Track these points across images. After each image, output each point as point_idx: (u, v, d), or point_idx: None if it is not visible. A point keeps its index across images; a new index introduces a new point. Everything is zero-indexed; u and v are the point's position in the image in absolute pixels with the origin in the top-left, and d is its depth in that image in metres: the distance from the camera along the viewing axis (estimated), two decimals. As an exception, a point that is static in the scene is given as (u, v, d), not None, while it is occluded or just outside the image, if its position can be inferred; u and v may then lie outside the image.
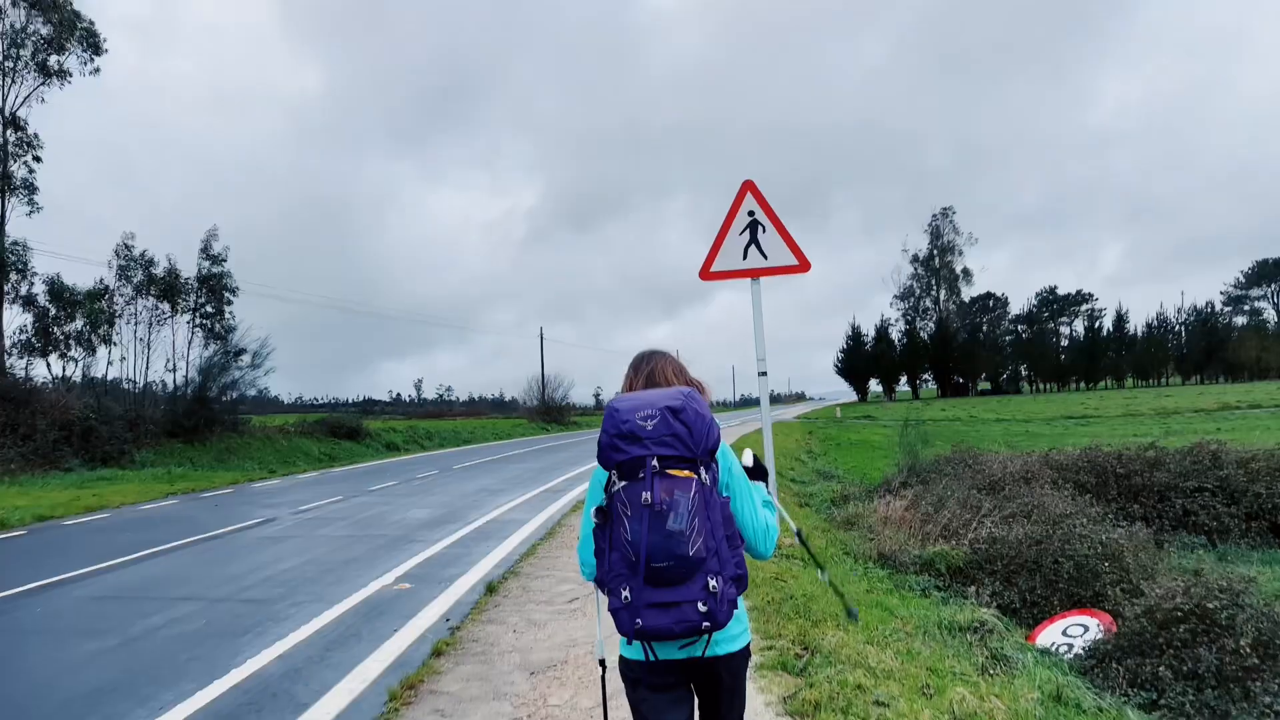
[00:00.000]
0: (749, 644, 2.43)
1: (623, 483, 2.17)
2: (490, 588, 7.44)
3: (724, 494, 2.32)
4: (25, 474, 18.85)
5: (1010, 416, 52.76)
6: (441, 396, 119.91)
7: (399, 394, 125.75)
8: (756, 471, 2.61)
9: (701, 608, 2.09)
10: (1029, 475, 13.23)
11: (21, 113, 23.57)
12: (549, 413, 58.83)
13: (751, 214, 9.62)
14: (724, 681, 2.38)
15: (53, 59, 23.78)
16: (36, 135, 23.85)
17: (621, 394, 2.46)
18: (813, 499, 16.35)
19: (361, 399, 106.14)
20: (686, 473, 2.15)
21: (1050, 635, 8.79)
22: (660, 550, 2.08)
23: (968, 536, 10.38)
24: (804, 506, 15.04)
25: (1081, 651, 8.14)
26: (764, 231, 9.59)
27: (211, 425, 25.36)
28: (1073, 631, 8.75)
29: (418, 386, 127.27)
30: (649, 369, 2.66)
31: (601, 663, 2.57)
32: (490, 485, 16.94)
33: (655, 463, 2.14)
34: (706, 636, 2.24)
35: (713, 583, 2.10)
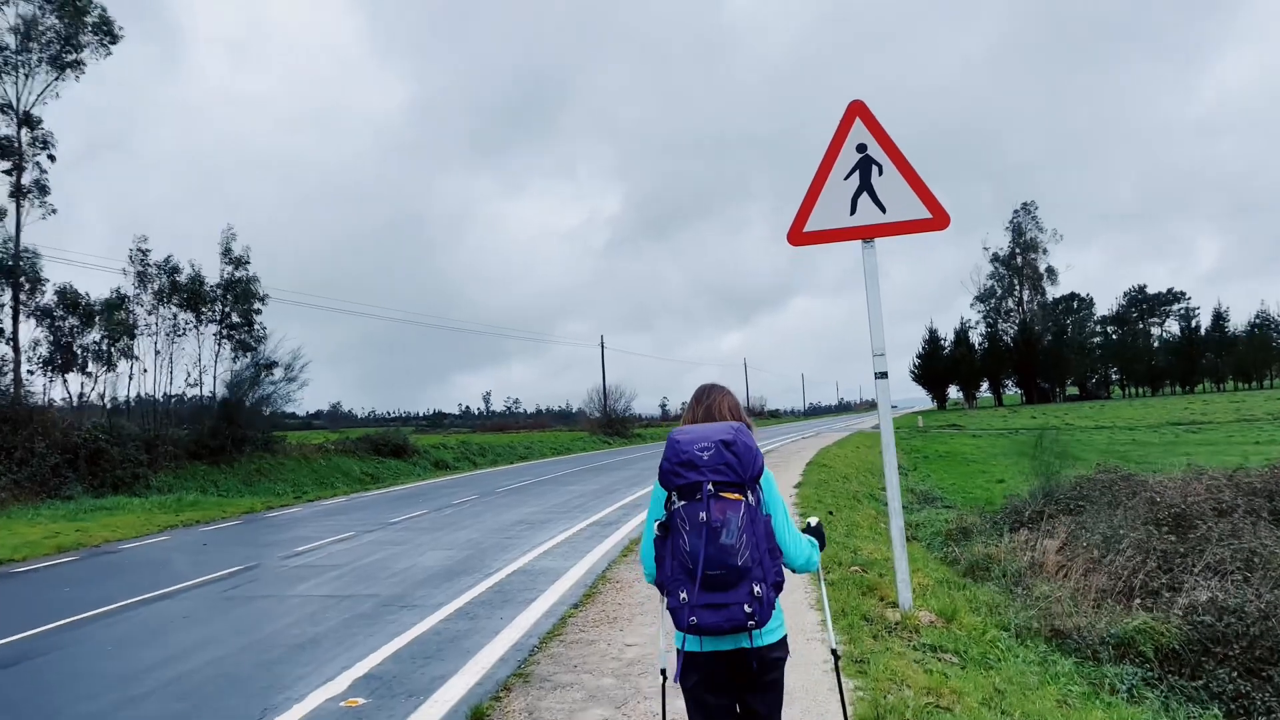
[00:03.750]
0: (785, 636, 2.73)
1: (681, 502, 2.48)
2: (477, 715, 4.75)
3: (766, 512, 2.59)
4: (18, 503, 16.88)
5: (1110, 423, 48.48)
6: (509, 409, 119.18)
7: (467, 407, 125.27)
8: (815, 532, 2.94)
9: (747, 609, 2.40)
10: (1221, 506, 10.02)
11: (35, 110, 21.97)
12: (611, 425, 56.20)
13: (863, 148, 6.77)
14: (763, 669, 2.64)
15: (69, 55, 22.15)
16: (51, 133, 22.26)
17: (683, 424, 2.83)
18: (920, 531, 13.33)
19: (431, 412, 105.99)
20: (736, 495, 2.46)
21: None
22: (714, 560, 2.39)
23: (1179, 601, 7.33)
24: (912, 540, 12.07)
25: None
26: (880, 173, 6.75)
27: (240, 445, 23.25)
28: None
29: (486, 399, 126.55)
30: (708, 403, 2.98)
31: (663, 672, 2.81)
32: (531, 515, 14.32)
33: (710, 486, 2.45)
34: (749, 633, 2.50)
35: (757, 588, 2.42)
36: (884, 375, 6.68)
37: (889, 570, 8.02)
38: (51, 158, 22.19)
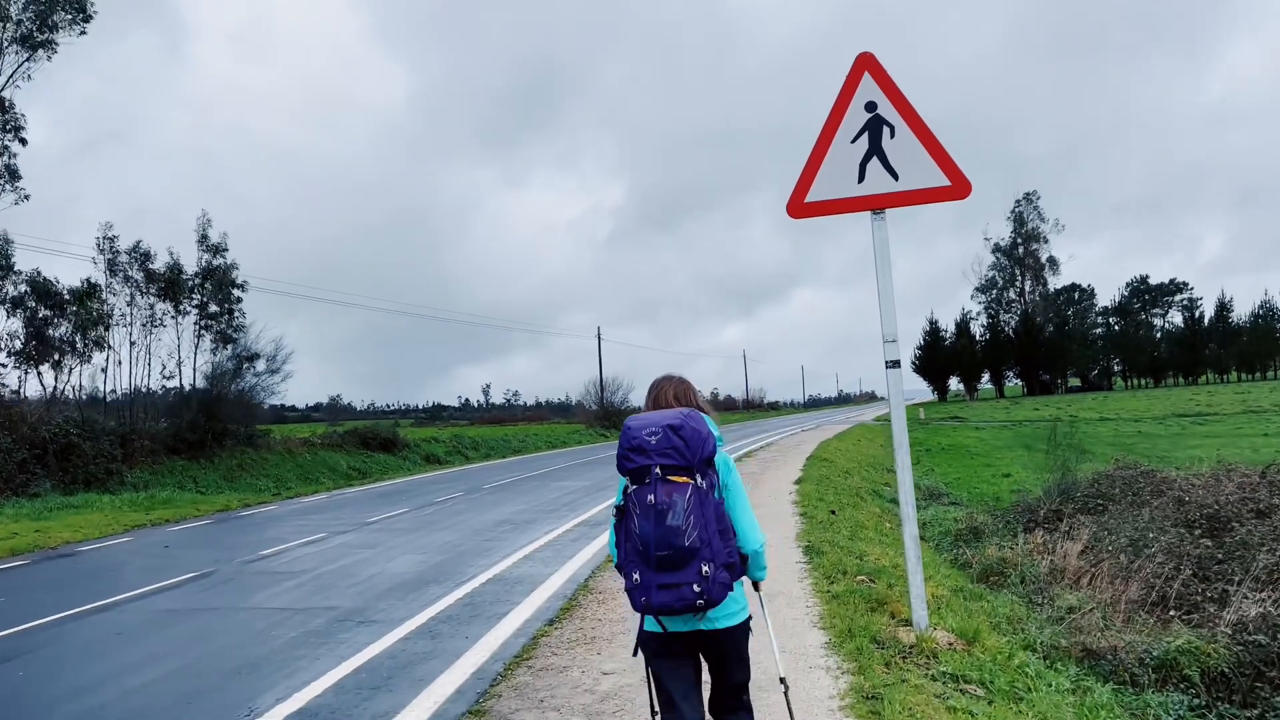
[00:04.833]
0: (748, 619, 2.83)
1: (633, 486, 2.61)
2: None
3: (722, 494, 2.73)
4: (-20, 501, 16.10)
5: (1115, 415, 47.79)
6: (509, 401, 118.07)
7: (467, 399, 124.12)
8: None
9: (696, 588, 2.52)
10: (1259, 506, 9.25)
11: (6, 93, 21.07)
12: (608, 417, 55.31)
13: (872, 107, 5.97)
14: (727, 650, 2.80)
15: (40, 35, 21.30)
16: (23, 115, 21.38)
17: (637, 414, 2.87)
18: (927, 530, 12.57)
19: (430, 405, 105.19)
20: (684, 478, 2.57)
21: None
22: (662, 542, 2.52)
23: (1225, 616, 6.57)
24: (920, 540, 11.29)
25: None
26: (892, 135, 5.95)
27: (221, 439, 22.48)
28: None
29: (485, 391, 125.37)
30: (656, 393, 3.14)
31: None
32: (517, 514, 13.56)
33: (658, 470, 2.57)
34: (703, 612, 2.64)
35: (705, 568, 2.53)
36: (896, 364, 5.88)
37: (899, 579, 7.29)
38: (23, 141, 21.36)
